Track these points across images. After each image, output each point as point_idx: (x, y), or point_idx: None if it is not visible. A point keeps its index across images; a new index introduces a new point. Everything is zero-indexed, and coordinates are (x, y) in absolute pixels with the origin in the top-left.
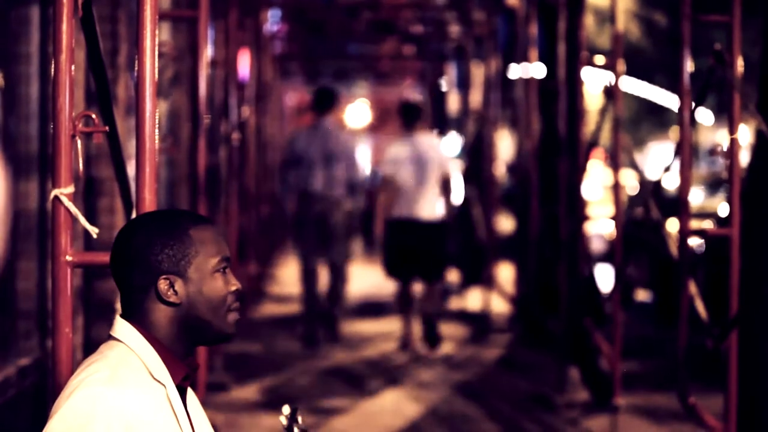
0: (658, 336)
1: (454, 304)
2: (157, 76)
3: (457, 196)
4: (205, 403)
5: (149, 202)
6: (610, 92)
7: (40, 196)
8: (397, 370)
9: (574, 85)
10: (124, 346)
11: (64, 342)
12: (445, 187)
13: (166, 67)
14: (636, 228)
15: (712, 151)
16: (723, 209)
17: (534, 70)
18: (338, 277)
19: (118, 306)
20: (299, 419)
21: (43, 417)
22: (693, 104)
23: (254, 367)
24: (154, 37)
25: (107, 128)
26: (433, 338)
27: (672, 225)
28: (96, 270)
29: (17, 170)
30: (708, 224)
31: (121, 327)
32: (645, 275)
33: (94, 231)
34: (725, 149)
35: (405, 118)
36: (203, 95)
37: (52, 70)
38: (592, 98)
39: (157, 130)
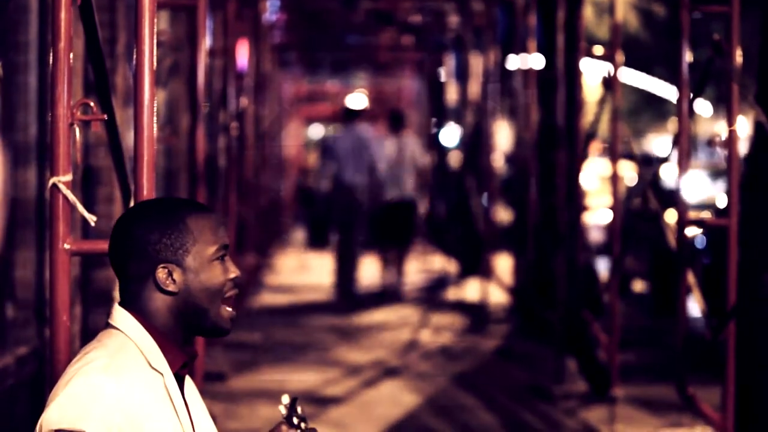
0: (656, 327)
1: (452, 294)
2: (155, 65)
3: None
4: (203, 393)
5: (147, 191)
6: (609, 83)
7: (38, 185)
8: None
9: (573, 76)
10: (122, 335)
11: (62, 331)
12: (419, 175)
13: (165, 56)
14: (634, 219)
15: (711, 142)
16: (721, 200)
17: (533, 60)
18: (354, 248)
19: (116, 294)
20: (298, 409)
21: (41, 406)
22: (691, 95)
23: (252, 357)
24: (153, 26)
25: (105, 117)
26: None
27: (670, 216)
28: (94, 258)
29: (16, 158)
30: (707, 215)
31: (119, 315)
32: (643, 266)
33: (92, 219)
34: (724, 140)
35: (392, 123)
36: (202, 85)
37: (51, 58)
38: (591, 89)
39: (155, 120)
